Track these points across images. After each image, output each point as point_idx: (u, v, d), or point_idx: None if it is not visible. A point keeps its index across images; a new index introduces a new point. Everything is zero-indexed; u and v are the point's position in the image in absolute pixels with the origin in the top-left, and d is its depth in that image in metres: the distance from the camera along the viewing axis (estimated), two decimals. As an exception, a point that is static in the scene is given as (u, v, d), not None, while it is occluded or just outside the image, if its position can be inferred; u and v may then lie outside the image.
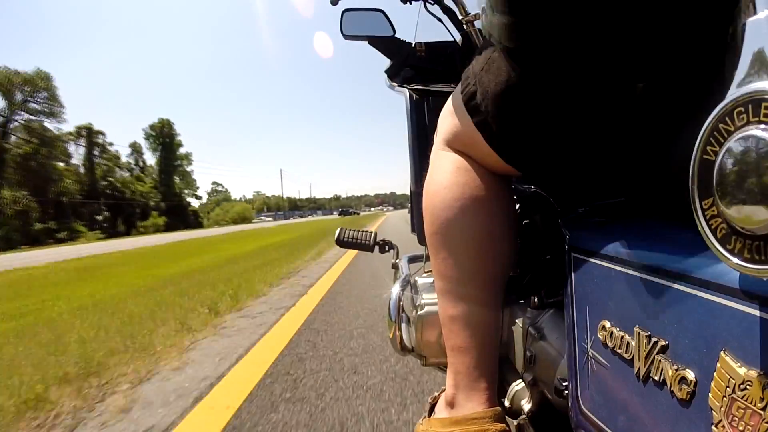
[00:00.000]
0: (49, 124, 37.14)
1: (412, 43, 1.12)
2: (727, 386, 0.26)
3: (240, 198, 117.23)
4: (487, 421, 0.56)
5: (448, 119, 0.59)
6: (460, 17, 1.04)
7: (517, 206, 0.72)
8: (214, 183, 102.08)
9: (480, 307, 0.57)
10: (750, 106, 0.24)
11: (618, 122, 0.42)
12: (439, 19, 1.10)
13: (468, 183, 0.56)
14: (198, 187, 73.22)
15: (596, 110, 0.42)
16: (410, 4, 1.11)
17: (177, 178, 60.22)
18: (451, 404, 0.60)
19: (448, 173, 0.58)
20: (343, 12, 1.16)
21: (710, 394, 0.28)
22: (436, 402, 0.67)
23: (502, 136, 0.49)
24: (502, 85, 0.47)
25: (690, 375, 0.29)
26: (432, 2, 1.09)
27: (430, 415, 0.66)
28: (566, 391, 0.47)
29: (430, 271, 0.93)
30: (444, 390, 0.69)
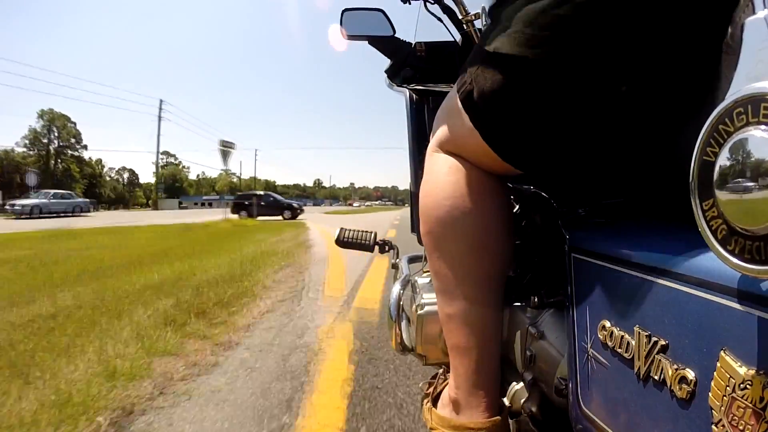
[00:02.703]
0: None
1: (412, 43, 1.12)
2: (727, 386, 0.27)
3: (198, 175, 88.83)
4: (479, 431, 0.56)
5: (444, 120, 0.59)
6: (460, 17, 1.04)
7: (517, 206, 0.72)
8: (165, 153, 73.74)
9: (476, 306, 0.57)
10: (750, 106, 0.24)
11: (616, 122, 0.42)
12: (439, 19, 1.10)
13: (459, 183, 0.56)
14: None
15: (594, 108, 0.42)
16: (410, 4, 1.11)
17: None
18: (453, 404, 0.61)
19: (440, 174, 0.58)
20: (343, 11, 1.16)
21: (710, 394, 0.28)
22: (440, 392, 0.67)
23: (499, 133, 0.49)
24: (498, 83, 0.47)
25: (690, 375, 0.30)
26: (432, 2, 1.09)
27: (435, 404, 0.67)
28: (566, 391, 0.47)
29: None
30: (447, 382, 0.70)
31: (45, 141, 47.46)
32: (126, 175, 72.06)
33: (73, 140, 50.36)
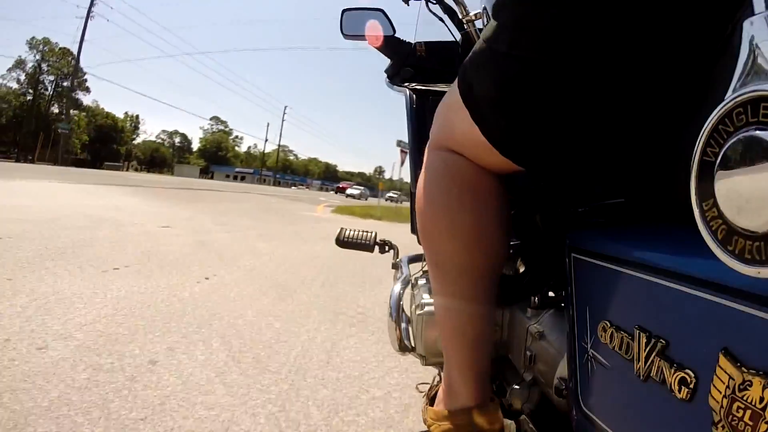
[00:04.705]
0: None
1: (411, 43, 1.12)
2: (727, 386, 0.27)
3: (251, 147, 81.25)
4: (471, 415, 0.58)
5: (444, 116, 0.60)
6: (460, 17, 1.04)
7: (517, 206, 0.72)
8: (214, 118, 71.99)
9: (470, 302, 0.58)
10: (749, 107, 0.24)
11: (616, 120, 0.42)
12: (441, 19, 1.10)
13: (456, 180, 0.57)
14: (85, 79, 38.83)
15: (595, 105, 0.42)
16: (407, 5, 1.11)
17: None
18: (446, 396, 0.62)
19: (437, 171, 0.59)
20: (343, 11, 1.16)
21: (710, 394, 0.28)
22: (437, 392, 0.69)
23: (499, 128, 0.49)
24: (498, 79, 0.47)
25: (690, 375, 0.30)
26: (434, 2, 1.09)
27: (432, 403, 0.68)
28: (566, 391, 0.47)
29: None
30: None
31: (30, 79, 37.20)
32: (177, 140, 67.93)
33: (75, 81, 38.87)
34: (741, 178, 0.24)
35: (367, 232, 1.24)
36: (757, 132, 0.23)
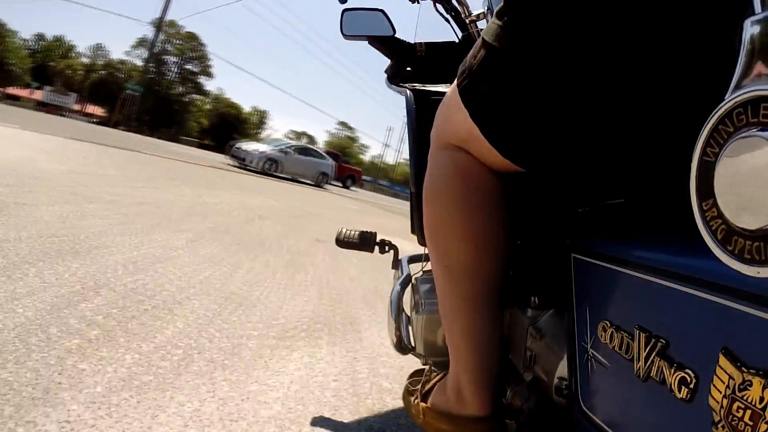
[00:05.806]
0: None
1: (412, 43, 1.12)
2: (727, 386, 0.26)
3: (374, 157, 70.64)
4: (479, 425, 0.57)
5: (445, 115, 0.59)
6: (463, 17, 1.04)
7: (518, 206, 0.72)
8: (341, 123, 68.62)
9: (476, 303, 0.58)
10: (749, 107, 0.24)
11: (617, 120, 0.42)
12: (446, 20, 1.10)
13: (464, 179, 0.56)
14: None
15: (594, 106, 0.42)
16: (418, 3, 1.11)
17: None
18: (453, 399, 0.61)
19: (447, 170, 0.58)
20: (343, 12, 1.16)
21: (710, 394, 0.28)
22: (431, 388, 0.68)
23: (498, 128, 0.49)
24: (496, 77, 0.47)
25: (690, 375, 0.30)
26: (438, 1, 1.09)
27: (424, 399, 0.67)
28: (566, 391, 0.47)
29: (430, 271, 0.93)
30: (439, 376, 0.70)
31: (154, 59, 35.51)
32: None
33: (199, 65, 38.39)
34: (741, 178, 0.24)
35: (366, 231, 1.24)
36: (757, 132, 0.23)
